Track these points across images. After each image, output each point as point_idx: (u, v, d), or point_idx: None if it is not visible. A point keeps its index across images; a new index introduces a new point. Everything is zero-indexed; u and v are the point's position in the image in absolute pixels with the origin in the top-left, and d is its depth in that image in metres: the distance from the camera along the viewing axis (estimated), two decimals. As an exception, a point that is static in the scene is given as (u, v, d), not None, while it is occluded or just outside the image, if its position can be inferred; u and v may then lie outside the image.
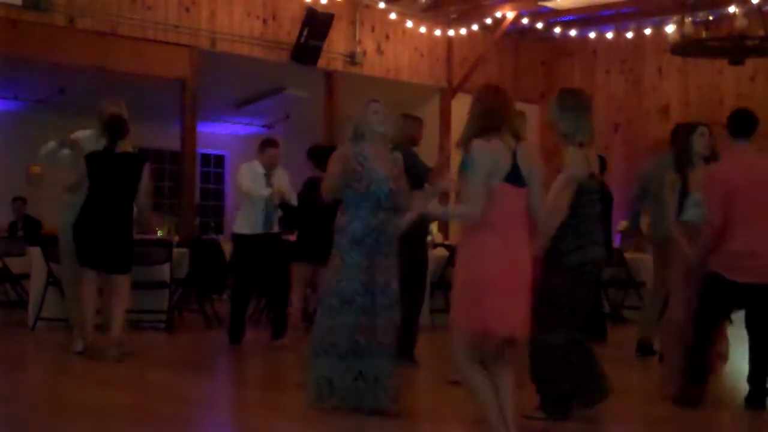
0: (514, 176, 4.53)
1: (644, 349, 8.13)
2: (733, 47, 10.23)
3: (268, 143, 9.00)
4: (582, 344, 5.43)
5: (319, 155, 8.49)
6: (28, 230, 12.37)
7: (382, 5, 13.33)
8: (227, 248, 10.69)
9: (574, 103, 5.39)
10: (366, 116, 5.67)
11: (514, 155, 4.54)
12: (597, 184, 5.41)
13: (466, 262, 4.59)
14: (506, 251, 4.49)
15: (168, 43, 11.49)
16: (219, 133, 17.15)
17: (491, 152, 4.50)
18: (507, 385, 4.63)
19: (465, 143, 4.60)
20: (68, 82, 13.08)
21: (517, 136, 4.61)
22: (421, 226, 7.44)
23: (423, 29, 14.00)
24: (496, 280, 4.46)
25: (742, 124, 6.16)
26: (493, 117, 4.58)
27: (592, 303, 5.51)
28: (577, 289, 5.27)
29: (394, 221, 5.50)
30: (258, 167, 8.88)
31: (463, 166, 4.57)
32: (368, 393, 5.46)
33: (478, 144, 4.52)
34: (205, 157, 17.85)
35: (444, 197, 6.78)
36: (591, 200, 5.34)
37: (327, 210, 8.47)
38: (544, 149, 15.17)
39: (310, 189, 8.52)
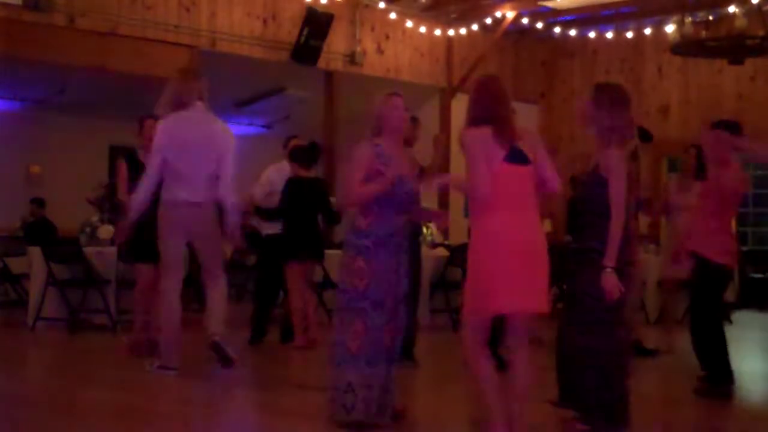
0: (514, 156, 4.55)
1: (639, 350, 8.09)
2: (733, 47, 10.25)
3: (291, 137, 9.07)
4: (625, 353, 5.22)
5: (302, 156, 8.53)
6: (38, 233, 12.27)
7: (382, 5, 13.33)
8: (227, 248, 10.69)
9: (613, 98, 5.24)
10: (386, 111, 5.26)
11: (510, 139, 4.56)
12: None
13: (472, 249, 4.60)
14: (509, 231, 4.49)
15: (168, 43, 11.49)
16: (219, 133, 17.13)
17: (480, 137, 4.53)
18: (521, 372, 4.63)
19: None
20: (68, 82, 13.08)
21: (511, 128, 4.61)
22: (414, 225, 7.46)
23: (423, 29, 14.01)
24: (500, 260, 4.46)
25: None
26: (484, 108, 4.62)
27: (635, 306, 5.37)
28: (624, 291, 5.04)
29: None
30: (285, 167, 8.81)
31: None
32: (389, 400, 5.26)
33: (466, 132, 4.58)
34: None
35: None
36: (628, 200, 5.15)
37: (312, 208, 8.53)
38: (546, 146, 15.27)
39: (294, 189, 8.52)
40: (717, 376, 6.33)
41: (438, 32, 14.15)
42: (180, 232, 6.87)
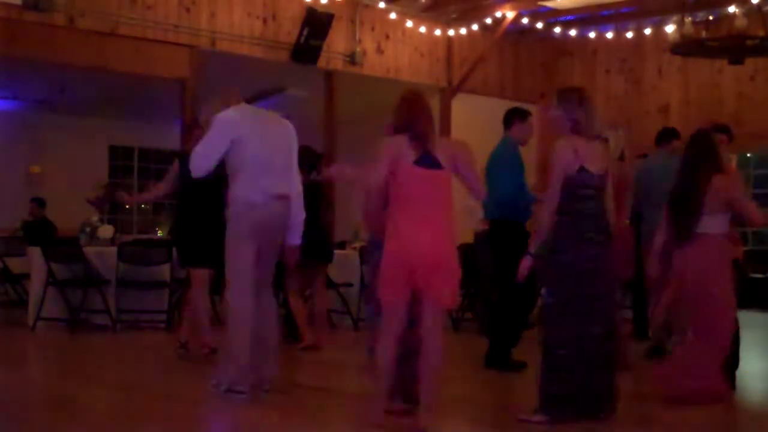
0: (424, 160, 4.93)
1: (657, 351, 8.02)
2: (733, 47, 10.23)
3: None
4: (592, 347, 5.31)
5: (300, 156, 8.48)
6: (38, 232, 12.23)
7: (382, 5, 13.33)
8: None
9: (581, 98, 5.43)
10: None
11: (423, 146, 4.95)
12: (591, 179, 5.31)
13: (385, 242, 4.99)
14: (410, 226, 4.87)
15: (168, 43, 11.49)
16: (219, 133, 17.13)
17: (393, 143, 4.98)
18: (426, 354, 4.94)
19: None
20: (68, 82, 13.09)
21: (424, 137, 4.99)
22: None
23: (423, 29, 14.00)
24: (399, 253, 4.86)
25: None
26: (405, 119, 5.05)
27: (606, 301, 5.42)
28: (576, 287, 5.23)
29: None
30: None
31: None
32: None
33: (384, 139, 5.08)
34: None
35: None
36: (583, 196, 5.28)
37: (317, 211, 8.50)
38: (544, 149, 15.28)
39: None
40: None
41: (438, 32, 14.15)
42: (256, 234, 5.93)
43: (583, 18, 14.22)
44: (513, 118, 7.33)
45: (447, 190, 5.00)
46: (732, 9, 11.72)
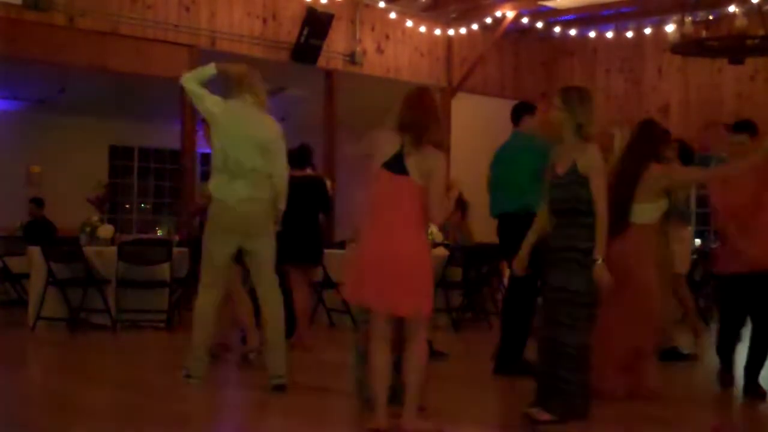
0: (393, 165, 4.90)
1: (667, 354, 7.91)
2: (733, 47, 10.22)
3: None
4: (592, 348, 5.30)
5: (290, 159, 8.42)
6: (37, 232, 12.21)
7: (382, 5, 13.33)
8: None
9: (582, 96, 5.38)
10: None
11: (401, 148, 4.91)
12: None
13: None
14: (370, 230, 4.91)
15: (168, 42, 11.50)
16: (219, 133, 17.13)
17: (372, 137, 5.00)
18: (408, 362, 4.94)
19: None
20: (68, 81, 13.10)
21: (413, 140, 4.90)
22: None
23: (423, 29, 14.01)
24: (358, 254, 4.92)
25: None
26: (404, 117, 4.95)
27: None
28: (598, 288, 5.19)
29: None
30: None
31: None
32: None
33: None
34: (205, 157, 17.82)
35: None
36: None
37: (308, 208, 8.46)
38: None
39: (293, 190, 8.46)
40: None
41: (438, 32, 14.15)
42: (231, 235, 6.18)
43: (583, 18, 14.23)
44: (521, 113, 7.24)
45: (410, 197, 4.89)
46: (732, 9, 11.73)
